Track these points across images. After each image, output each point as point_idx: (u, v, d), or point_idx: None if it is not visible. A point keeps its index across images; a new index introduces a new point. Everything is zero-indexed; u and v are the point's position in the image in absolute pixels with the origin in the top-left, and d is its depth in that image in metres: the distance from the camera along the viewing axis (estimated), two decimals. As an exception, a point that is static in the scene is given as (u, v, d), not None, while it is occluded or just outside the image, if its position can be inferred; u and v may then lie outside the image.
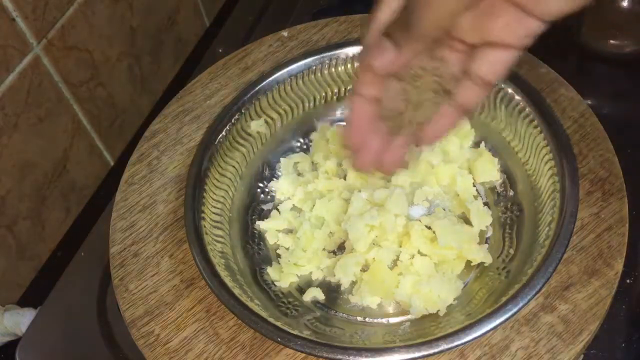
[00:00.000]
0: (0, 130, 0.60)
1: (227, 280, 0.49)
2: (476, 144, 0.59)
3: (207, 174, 0.56)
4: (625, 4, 0.68)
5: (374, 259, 0.52)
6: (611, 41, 0.70)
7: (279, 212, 0.58)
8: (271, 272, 0.54)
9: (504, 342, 0.46)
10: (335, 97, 0.63)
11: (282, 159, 0.61)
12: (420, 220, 0.54)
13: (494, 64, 0.39)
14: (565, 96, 0.57)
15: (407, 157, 0.46)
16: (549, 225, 0.50)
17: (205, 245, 0.51)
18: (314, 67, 0.61)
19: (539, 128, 0.54)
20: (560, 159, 0.52)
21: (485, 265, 0.53)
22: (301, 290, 0.54)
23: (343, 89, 0.63)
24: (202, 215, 0.53)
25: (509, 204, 0.56)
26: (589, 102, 0.58)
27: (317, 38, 0.65)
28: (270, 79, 0.60)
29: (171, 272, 0.52)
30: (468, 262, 0.53)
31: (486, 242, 0.54)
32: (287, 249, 0.56)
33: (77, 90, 0.68)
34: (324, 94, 0.63)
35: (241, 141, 0.59)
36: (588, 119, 0.56)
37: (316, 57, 0.61)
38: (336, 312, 0.52)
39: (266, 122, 0.61)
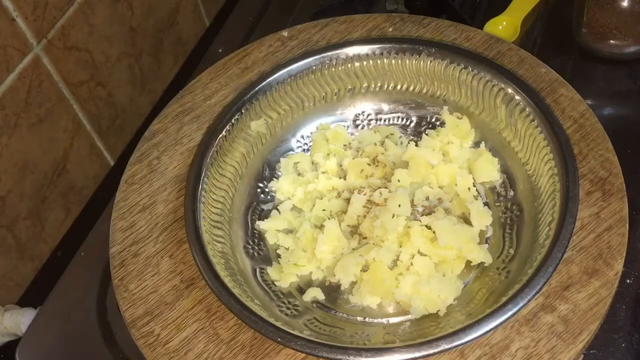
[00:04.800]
0: (0, 130, 0.60)
1: (227, 280, 0.49)
2: (476, 144, 0.59)
3: (207, 174, 0.56)
4: (625, 4, 0.68)
5: (374, 259, 0.52)
6: (611, 41, 0.70)
7: (279, 212, 0.58)
8: (271, 272, 0.54)
9: (504, 342, 0.46)
10: (335, 97, 0.63)
11: (282, 159, 0.61)
12: (420, 220, 0.54)
13: None
14: (565, 96, 0.57)
15: None
16: (549, 225, 0.50)
17: (205, 245, 0.51)
18: (314, 67, 0.61)
19: (539, 128, 0.54)
20: (560, 159, 0.52)
21: (485, 265, 0.53)
22: (301, 290, 0.54)
23: (343, 89, 0.63)
24: (202, 215, 0.53)
25: (509, 204, 0.56)
26: (589, 102, 0.58)
27: (317, 38, 0.65)
28: (270, 79, 0.60)
29: (171, 272, 0.52)
30: (468, 262, 0.53)
31: (486, 242, 0.54)
32: (287, 249, 0.56)
33: (77, 90, 0.68)
34: (324, 94, 0.62)
35: (241, 141, 0.59)
36: (588, 119, 0.56)
37: (316, 57, 0.61)
38: (336, 312, 0.52)
39: (266, 122, 0.61)
